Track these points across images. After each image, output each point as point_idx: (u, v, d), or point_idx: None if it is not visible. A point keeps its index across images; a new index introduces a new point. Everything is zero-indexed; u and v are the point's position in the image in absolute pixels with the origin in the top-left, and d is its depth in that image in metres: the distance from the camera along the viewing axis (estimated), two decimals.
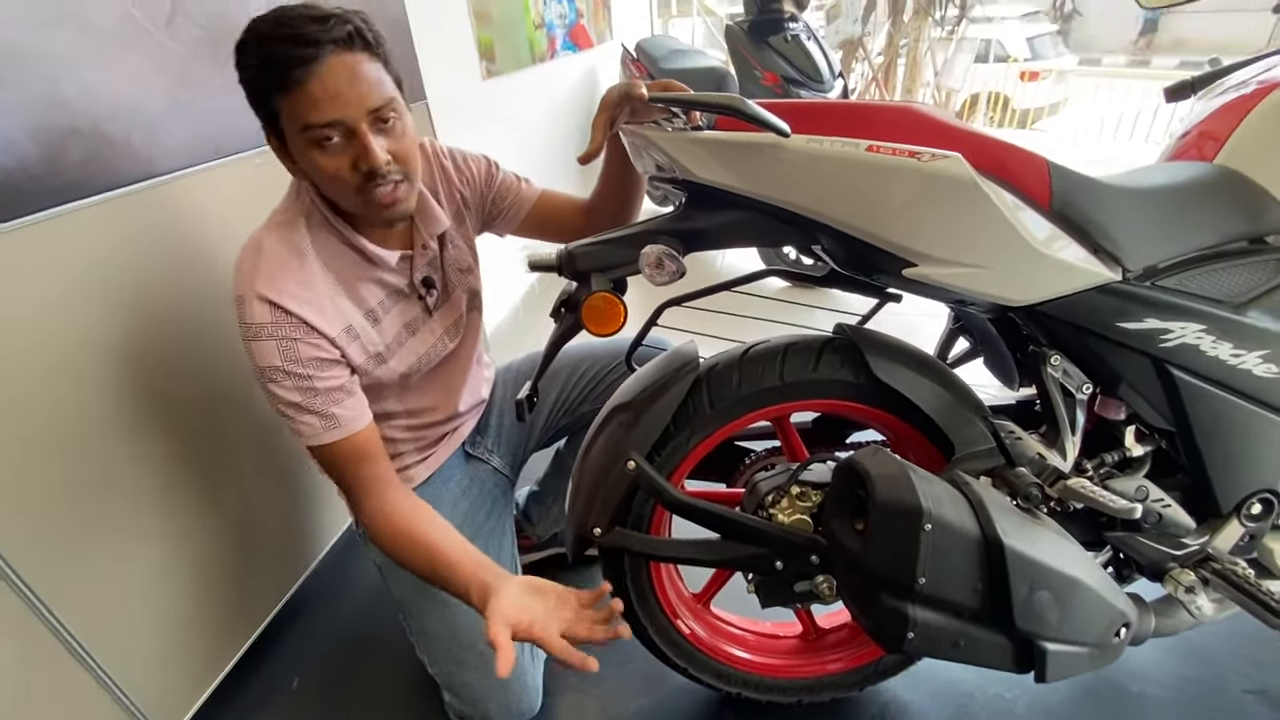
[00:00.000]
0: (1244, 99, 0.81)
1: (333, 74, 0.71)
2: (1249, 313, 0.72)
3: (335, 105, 0.72)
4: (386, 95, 0.76)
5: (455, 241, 0.98)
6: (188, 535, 1.06)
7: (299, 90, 0.71)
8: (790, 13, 2.55)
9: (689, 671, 0.99)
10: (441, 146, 0.99)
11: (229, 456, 1.14)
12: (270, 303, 0.77)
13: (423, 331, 0.95)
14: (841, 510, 0.73)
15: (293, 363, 0.78)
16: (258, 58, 0.72)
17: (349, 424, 0.82)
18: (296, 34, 0.70)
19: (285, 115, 0.73)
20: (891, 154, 0.63)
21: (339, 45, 0.72)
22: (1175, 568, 0.80)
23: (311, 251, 0.83)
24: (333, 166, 0.75)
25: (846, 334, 0.82)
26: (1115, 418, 0.80)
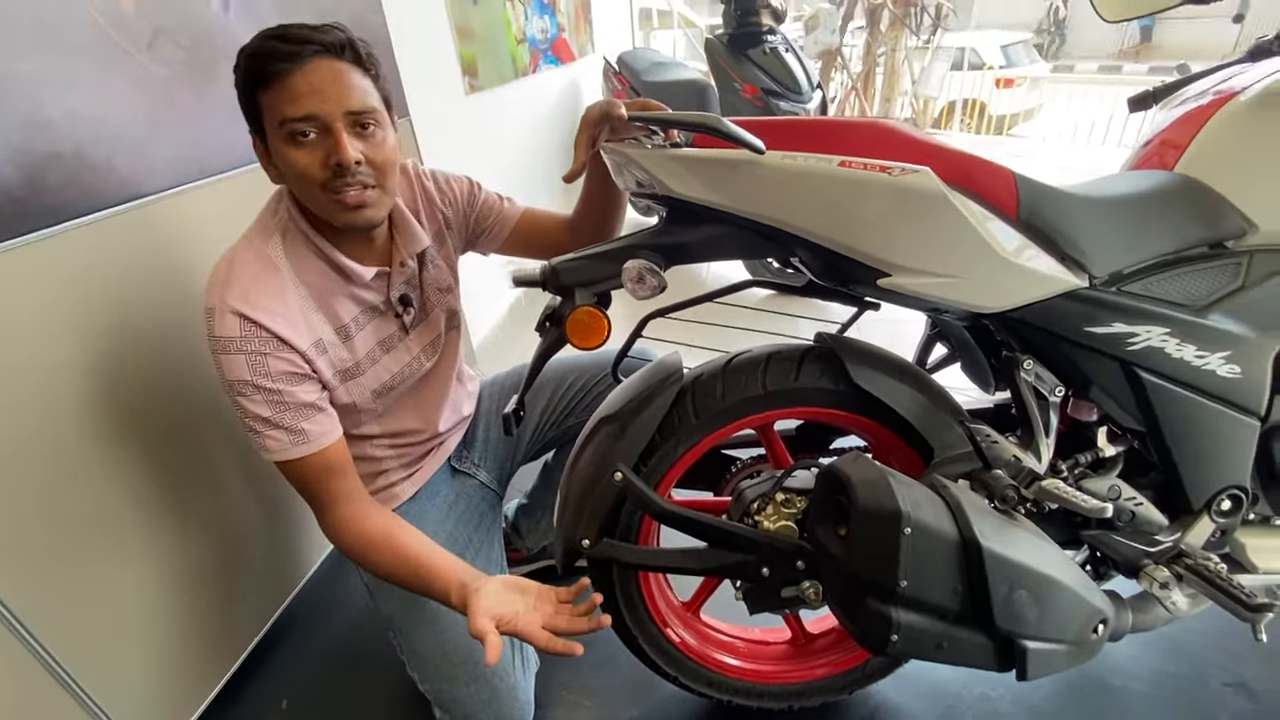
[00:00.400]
0: (1202, 109, 0.84)
1: (316, 71, 0.73)
2: (1210, 315, 0.74)
3: (313, 100, 0.73)
4: (368, 103, 0.77)
5: (435, 261, 0.98)
6: (173, 557, 1.06)
7: (280, 82, 0.72)
8: (768, 26, 2.59)
9: (680, 680, 1.00)
10: (424, 169, 1.00)
11: (213, 478, 1.13)
12: (241, 315, 0.76)
13: (398, 349, 0.95)
14: (825, 516, 0.75)
15: (262, 377, 0.78)
16: (248, 53, 0.74)
17: (318, 439, 0.82)
18: (287, 33, 0.73)
19: (266, 110, 0.75)
20: (863, 169, 0.65)
21: (327, 50, 0.74)
22: (1150, 564, 0.82)
23: (285, 264, 0.82)
24: (304, 161, 0.75)
25: (826, 342, 0.84)
26: (1087, 419, 0.83)
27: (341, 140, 0.75)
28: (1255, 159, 0.77)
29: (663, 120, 0.71)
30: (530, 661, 1.04)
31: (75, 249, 0.88)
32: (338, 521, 0.84)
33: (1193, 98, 0.89)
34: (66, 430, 0.89)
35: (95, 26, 0.90)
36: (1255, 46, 0.91)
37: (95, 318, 0.92)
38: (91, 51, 0.90)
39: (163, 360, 1.02)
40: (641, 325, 0.89)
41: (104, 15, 0.90)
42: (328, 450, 0.83)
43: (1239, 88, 0.81)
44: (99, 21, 0.90)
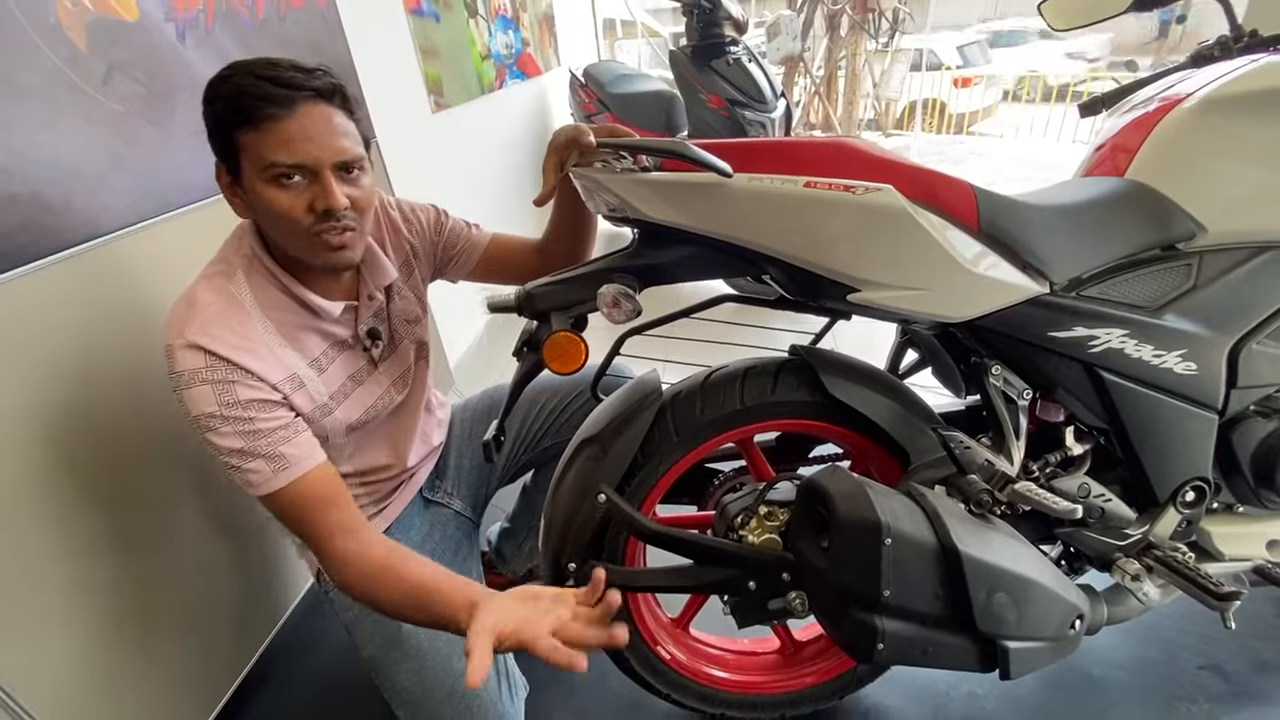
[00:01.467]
0: (1149, 115, 0.87)
1: (310, 117, 0.72)
2: (1165, 316, 0.77)
3: (305, 148, 0.72)
4: (357, 153, 0.77)
5: (402, 293, 0.97)
6: (144, 604, 1.03)
7: (270, 126, 0.71)
8: (731, 37, 2.63)
9: (672, 697, 1.00)
10: (389, 199, 0.98)
11: (180, 521, 1.10)
12: (202, 349, 0.73)
13: (369, 383, 0.93)
14: (807, 529, 0.76)
15: (230, 406, 0.74)
16: (233, 89, 0.71)
17: (300, 462, 0.77)
18: (279, 76, 0.71)
19: (248, 150, 0.73)
20: (828, 189, 0.66)
21: (319, 95, 0.73)
22: (1121, 557, 0.85)
23: (250, 301, 0.80)
24: (288, 204, 0.74)
25: (801, 355, 0.85)
26: (1055, 420, 0.85)
27: (331, 187, 0.74)
28: (1200, 164, 0.80)
29: (630, 146, 0.72)
30: (519, 687, 1.03)
31: (35, 292, 0.86)
32: (340, 558, 0.78)
33: (1140, 104, 0.92)
34: (29, 478, 0.86)
35: (48, 65, 0.88)
36: (1197, 52, 0.95)
37: (61, 360, 0.89)
38: (45, 91, 0.88)
39: (128, 400, 0.99)
40: (619, 343, 0.89)
41: (57, 54, 0.88)
42: (314, 474, 0.78)
43: (1183, 94, 0.85)
44: (52, 60, 0.88)
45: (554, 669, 0.62)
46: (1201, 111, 0.81)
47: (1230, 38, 0.90)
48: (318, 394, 0.85)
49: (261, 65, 0.72)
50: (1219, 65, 0.88)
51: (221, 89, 0.72)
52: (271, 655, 1.28)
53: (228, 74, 0.73)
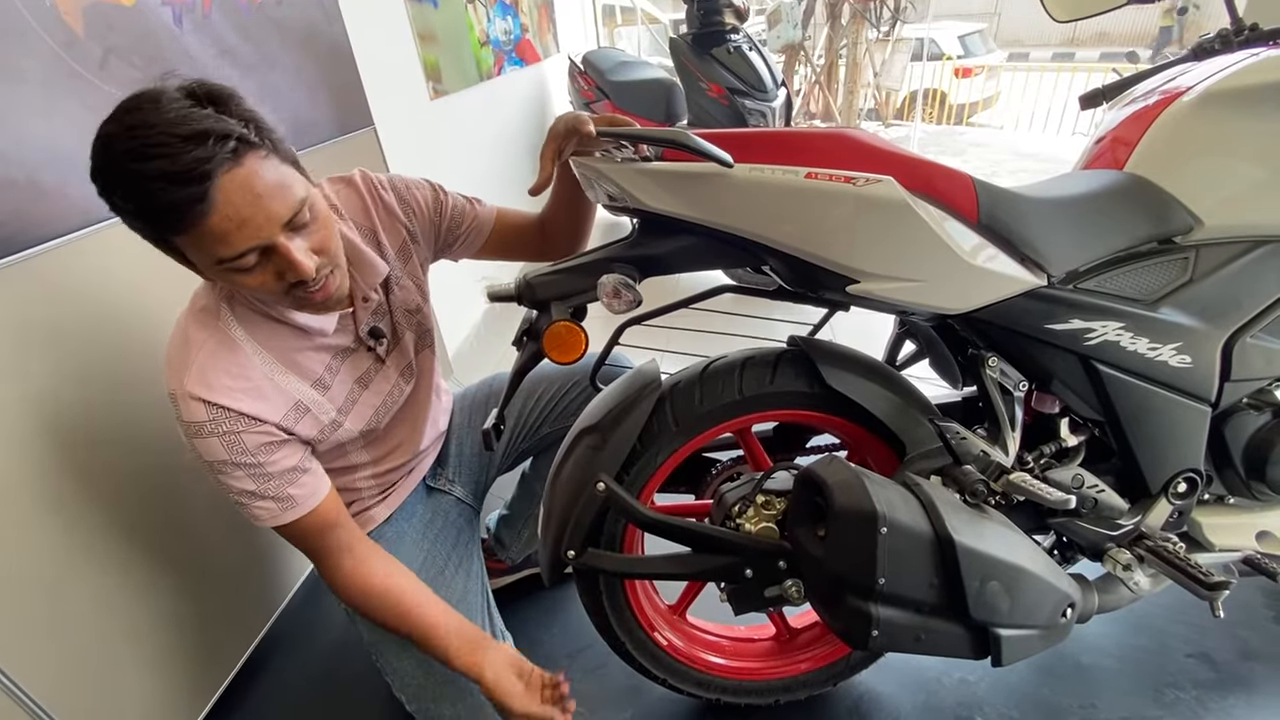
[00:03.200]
0: (1149, 109, 0.87)
1: (231, 201, 0.62)
2: (1161, 309, 0.78)
3: (244, 233, 0.64)
4: (295, 199, 0.68)
5: (401, 282, 0.93)
6: (144, 590, 1.03)
7: (198, 229, 0.62)
8: (732, 25, 2.61)
9: (669, 682, 1.02)
10: (379, 177, 0.92)
11: (179, 508, 1.10)
12: (204, 402, 0.73)
13: (377, 380, 0.92)
14: (804, 518, 0.77)
15: (240, 454, 0.75)
16: (135, 203, 0.61)
17: (306, 501, 0.80)
18: (176, 170, 0.59)
19: (189, 249, 0.66)
20: (829, 180, 0.66)
21: (228, 162, 0.62)
22: (1112, 547, 0.86)
23: (242, 336, 0.77)
24: (255, 283, 0.69)
25: (799, 346, 0.85)
26: (1050, 411, 0.86)
27: (293, 257, 0.68)
28: (1198, 158, 0.80)
29: (631, 136, 0.72)
30: None
31: (32, 277, 0.86)
32: (339, 574, 0.84)
33: (1141, 96, 0.92)
34: (21, 468, 0.86)
35: (45, 50, 0.87)
36: (1198, 45, 0.95)
37: (54, 351, 0.89)
38: (42, 76, 0.87)
39: (124, 391, 0.99)
40: (618, 333, 0.90)
41: (54, 38, 0.88)
42: (319, 509, 0.81)
43: (1183, 87, 0.85)
44: (49, 44, 0.87)
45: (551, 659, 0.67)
46: (1201, 105, 0.81)
47: (1231, 31, 0.90)
48: (324, 414, 0.85)
49: (146, 153, 0.59)
50: (1219, 59, 0.88)
51: (116, 193, 0.62)
52: (271, 641, 1.30)
53: (111, 175, 0.61)
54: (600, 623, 0.96)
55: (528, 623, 1.29)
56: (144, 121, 0.60)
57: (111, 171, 0.61)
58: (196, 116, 0.61)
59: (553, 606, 1.33)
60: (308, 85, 1.42)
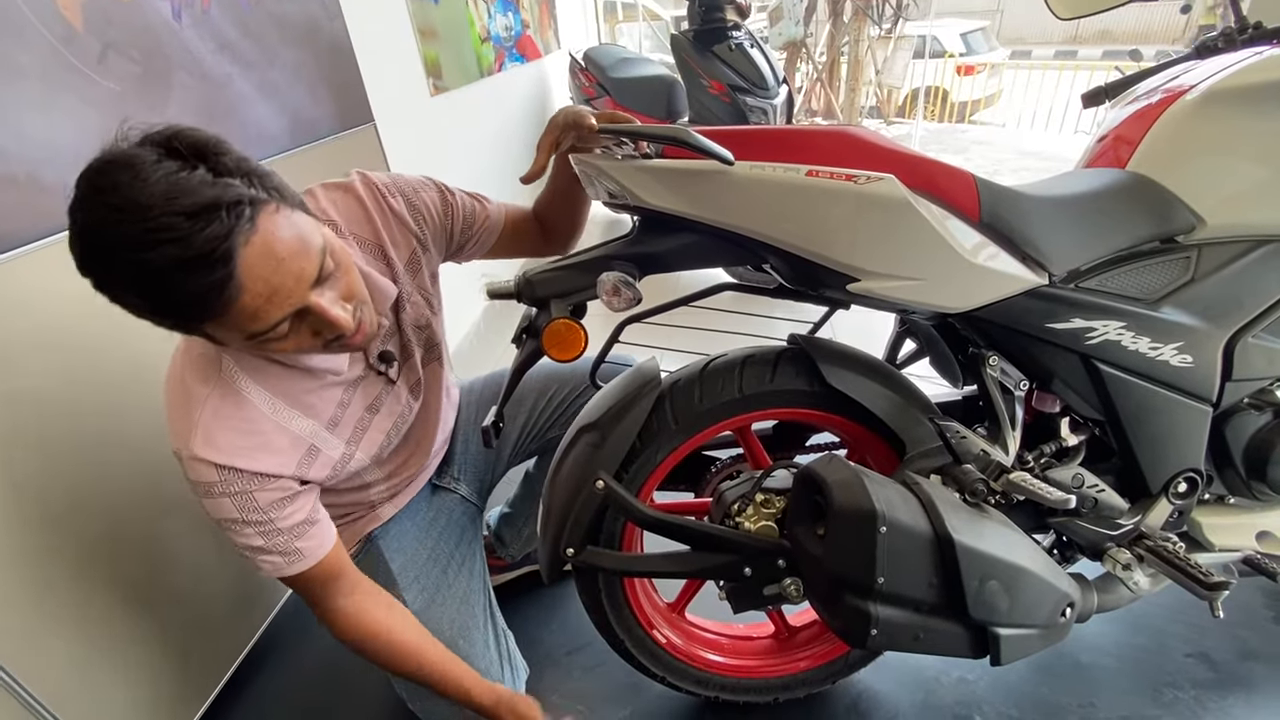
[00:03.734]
0: (1152, 107, 0.87)
1: (258, 275, 0.57)
2: (1163, 308, 0.78)
3: (276, 303, 0.59)
4: (317, 250, 0.62)
5: (411, 298, 0.88)
6: (141, 587, 1.03)
7: (230, 311, 0.57)
8: (733, 21, 2.60)
9: (668, 680, 1.02)
10: (383, 182, 0.85)
11: (181, 505, 1.08)
12: (214, 464, 0.69)
13: (388, 403, 0.89)
14: (803, 517, 0.76)
15: (251, 512, 0.72)
16: (149, 300, 0.56)
17: (313, 554, 0.78)
18: (193, 257, 0.52)
19: (216, 331, 0.61)
20: (830, 178, 0.66)
21: (246, 232, 0.55)
22: (1112, 547, 0.86)
23: (247, 384, 0.72)
24: (292, 346, 0.66)
25: (799, 344, 0.85)
26: (1051, 411, 0.85)
27: (329, 314, 0.64)
28: (1201, 157, 0.80)
29: (631, 133, 0.71)
30: (520, 671, 1.04)
31: (32, 274, 0.86)
32: (335, 617, 0.82)
33: (1143, 95, 0.92)
34: (20, 465, 0.86)
35: (44, 45, 0.87)
36: (1201, 43, 0.95)
37: (58, 346, 0.89)
38: (41, 70, 0.87)
39: (123, 390, 0.99)
40: (618, 331, 0.89)
41: (53, 33, 0.87)
42: (324, 560, 0.79)
43: (1186, 86, 0.84)
44: (48, 39, 0.87)
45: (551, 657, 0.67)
46: (1204, 104, 0.81)
47: (1235, 29, 0.89)
48: (334, 450, 0.82)
49: (149, 241, 0.51)
50: (1223, 57, 0.87)
51: (121, 290, 0.55)
52: (271, 635, 1.30)
53: (114, 271, 0.54)
54: (599, 620, 0.96)
55: (527, 620, 1.29)
56: (133, 201, 0.51)
57: (110, 267, 0.54)
58: (193, 184, 0.53)
59: (552, 604, 1.33)
60: (307, 81, 1.42)
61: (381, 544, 0.98)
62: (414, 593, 0.95)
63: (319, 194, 0.82)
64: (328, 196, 0.82)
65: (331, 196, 0.82)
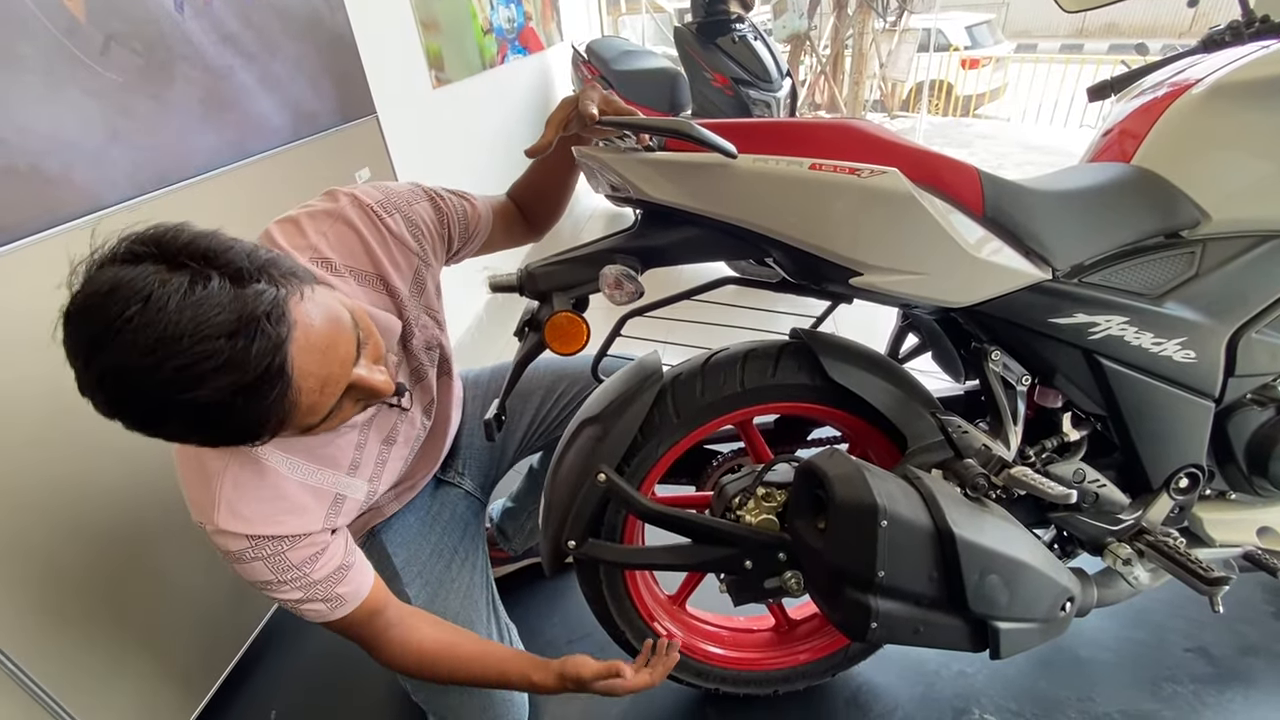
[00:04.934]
0: (1158, 101, 0.86)
1: (310, 373, 0.55)
2: (1167, 304, 0.77)
3: (329, 392, 0.58)
4: (350, 329, 0.61)
5: (419, 321, 0.85)
6: (149, 572, 1.04)
7: (289, 420, 0.56)
8: (737, 14, 2.59)
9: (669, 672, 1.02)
10: (376, 200, 0.78)
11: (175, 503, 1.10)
12: (242, 535, 0.69)
13: (403, 431, 0.89)
14: (804, 510, 0.77)
15: (285, 571, 0.72)
16: (206, 432, 0.53)
17: (354, 597, 0.78)
18: (251, 381, 0.50)
19: (273, 435, 0.58)
20: (833, 171, 0.66)
21: (290, 330, 0.52)
22: (1113, 542, 0.86)
23: (265, 452, 0.71)
24: (340, 419, 0.65)
25: (801, 338, 0.85)
26: (1053, 406, 0.86)
27: (374, 384, 0.63)
28: (1207, 151, 0.79)
29: (633, 125, 0.71)
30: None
31: (34, 266, 0.86)
32: (391, 651, 0.82)
33: (1149, 89, 0.91)
34: (31, 453, 0.87)
35: (47, 36, 0.87)
36: (1208, 37, 0.94)
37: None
38: (44, 62, 0.87)
39: None
40: (620, 324, 0.89)
41: (55, 24, 0.87)
42: (367, 600, 0.79)
43: (1193, 80, 0.84)
44: (50, 30, 0.87)
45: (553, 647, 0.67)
46: (1210, 98, 0.80)
47: (1242, 23, 0.89)
48: (359, 493, 0.82)
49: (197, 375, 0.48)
50: (1229, 51, 0.87)
51: (169, 428, 0.52)
52: (273, 628, 1.31)
53: (161, 413, 0.50)
54: (600, 612, 0.97)
55: (529, 612, 1.30)
56: (161, 338, 0.46)
57: (153, 409, 0.50)
58: (217, 299, 0.48)
59: (553, 596, 1.34)
60: (309, 73, 1.42)
61: (385, 538, 0.99)
62: (417, 587, 0.95)
63: (305, 225, 0.74)
64: (316, 228, 0.75)
65: (320, 228, 0.75)
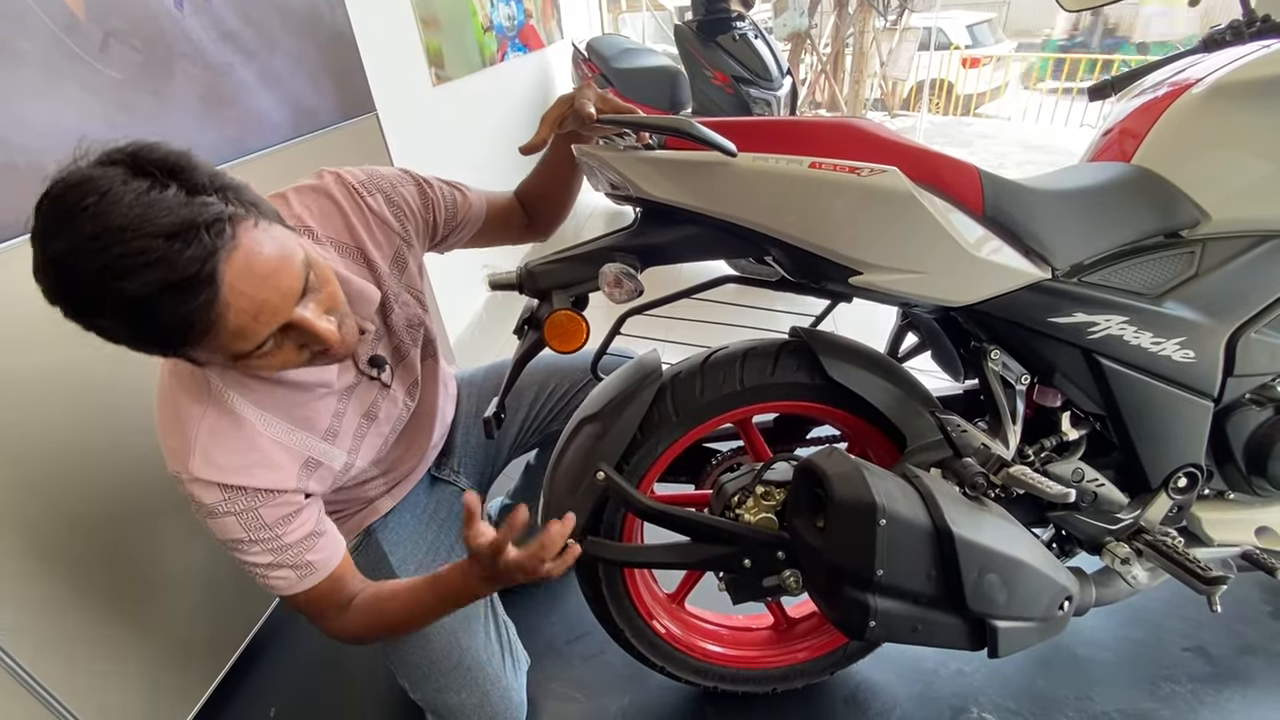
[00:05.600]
0: (1158, 100, 0.86)
1: (242, 292, 0.55)
2: (1166, 303, 0.77)
3: (262, 320, 0.57)
4: (299, 264, 0.60)
5: (400, 298, 0.86)
6: (149, 567, 1.04)
7: (214, 332, 0.55)
8: (737, 12, 2.59)
9: (667, 670, 1.02)
10: (356, 179, 0.81)
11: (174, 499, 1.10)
12: (215, 484, 0.68)
13: (384, 408, 0.88)
14: (803, 509, 0.77)
15: (258, 529, 0.71)
16: (132, 328, 0.53)
17: (324, 566, 0.77)
18: (178, 280, 0.50)
19: (201, 353, 0.59)
20: (833, 170, 0.66)
21: (228, 249, 0.53)
22: (1111, 541, 0.86)
23: (240, 403, 0.71)
24: (278, 364, 0.64)
25: (801, 337, 0.85)
26: (1052, 405, 0.86)
27: (317, 329, 0.62)
28: (1207, 151, 0.79)
29: (633, 123, 0.71)
30: (521, 661, 1.05)
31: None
32: (335, 625, 0.81)
33: (1150, 88, 0.91)
34: (30, 447, 0.87)
35: (46, 32, 0.87)
36: (1208, 37, 0.94)
37: (60, 333, 0.89)
38: (43, 58, 0.87)
39: (127, 378, 0.99)
40: (620, 323, 0.90)
41: (54, 20, 0.87)
42: (333, 574, 0.78)
43: (1193, 79, 0.84)
44: (49, 27, 0.87)
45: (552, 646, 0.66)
46: (1211, 97, 0.80)
47: (1242, 22, 0.89)
48: (335, 462, 0.82)
49: (129, 266, 0.49)
50: (1230, 50, 0.87)
51: (100, 319, 0.53)
52: (271, 627, 1.31)
53: (92, 300, 0.51)
54: (599, 610, 0.97)
55: (528, 610, 1.30)
56: (106, 227, 0.49)
57: (87, 296, 0.51)
58: (168, 203, 0.50)
59: (552, 594, 1.34)
60: (309, 70, 1.41)
61: (380, 537, 0.99)
62: None
63: (291, 199, 0.79)
64: (301, 201, 0.79)
65: (305, 201, 0.79)
